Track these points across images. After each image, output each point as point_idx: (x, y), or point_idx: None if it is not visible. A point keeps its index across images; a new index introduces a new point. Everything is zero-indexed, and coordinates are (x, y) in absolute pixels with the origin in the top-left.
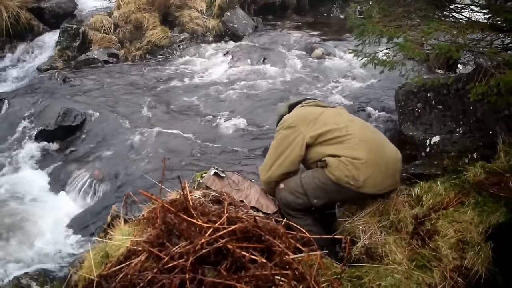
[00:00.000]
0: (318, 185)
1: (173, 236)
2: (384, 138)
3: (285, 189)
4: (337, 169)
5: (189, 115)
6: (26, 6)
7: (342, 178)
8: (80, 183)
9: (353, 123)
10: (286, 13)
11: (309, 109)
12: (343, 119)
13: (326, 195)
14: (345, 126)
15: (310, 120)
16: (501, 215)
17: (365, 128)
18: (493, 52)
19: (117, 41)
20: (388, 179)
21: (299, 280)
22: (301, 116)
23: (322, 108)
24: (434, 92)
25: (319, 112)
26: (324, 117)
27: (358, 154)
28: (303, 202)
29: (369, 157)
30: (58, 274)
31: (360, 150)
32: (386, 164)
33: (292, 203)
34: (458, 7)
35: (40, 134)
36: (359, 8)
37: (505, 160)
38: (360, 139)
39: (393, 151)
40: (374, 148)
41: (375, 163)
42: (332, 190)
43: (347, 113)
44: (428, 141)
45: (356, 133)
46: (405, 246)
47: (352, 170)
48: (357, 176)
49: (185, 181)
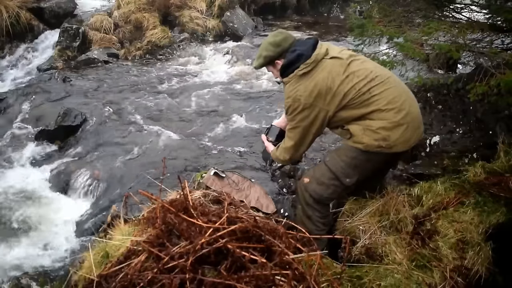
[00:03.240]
0: (347, 162)
1: (173, 236)
2: (407, 91)
3: (312, 182)
4: (365, 136)
5: (189, 115)
6: (26, 6)
7: (372, 143)
8: (80, 183)
9: (375, 81)
10: (286, 13)
11: (317, 81)
12: (363, 78)
13: (356, 170)
14: (368, 90)
15: (326, 93)
16: (501, 215)
17: (389, 82)
18: (493, 52)
19: (117, 41)
20: (416, 132)
21: (299, 280)
22: (314, 92)
23: (329, 69)
24: (434, 92)
25: (331, 80)
26: (341, 85)
27: (386, 116)
28: (335, 188)
29: (397, 117)
30: (58, 274)
31: (388, 112)
32: (412, 119)
33: (324, 194)
34: (458, 7)
35: (40, 134)
36: (359, 8)
37: (505, 160)
38: (387, 101)
39: (416, 103)
40: (401, 106)
41: (404, 121)
42: (362, 161)
43: (359, 63)
44: (428, 141)
45: (382, 92)
46: (405, 246)
47: (382, 132)
48: (388, 137)
49: (185, 181)
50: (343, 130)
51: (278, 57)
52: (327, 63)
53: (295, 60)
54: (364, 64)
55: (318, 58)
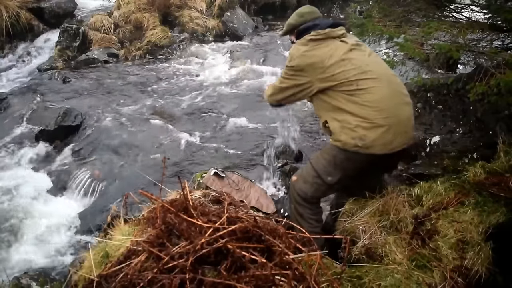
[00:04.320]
0: (328, 160)
1: (173, 236)
2: (402, 94)
3: (299, 180)
4: (342, 134)
5: (189, 115)
6: (26, 6)
7: (349, 141)
8: (80, 183)
9: (366, 74)
10: (286, 13)
11: (316, 53)
12: (356, 67)
13: (337, 168)
14: (355, 80)
15: (317, 67)
16: (501, 215)
17: (381, 80)
18: (493, 52)
19: (117, 41)
20: (400, 136)
21: (299, 280)
22: (308, 60)
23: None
24: (434, 92)
25: (328, 57)
26: (333, 65)
27: (366, 113)
28: (318, 186)
29: (377, 117)
30: (58, 274)
31: (368, 110)
32: (398, 122)
33: (309, 193)
34: (458, 7)
35: (40, 134)
36: (359, 8)
37: (505, 160)
38: (372, 98)
39: (408, 108)
40: (385, 106)
41: (385, 122)
42: (343, 160)
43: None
44: (428, 141)
45: (369, 88)
46: (405, 246)
47: (359, 130)
48: (364, 136)
49: (185, 181)
50: (325, 128)
51: (299, 26)
52: (335, 43)
53: (310, 27)
54: (366, 57)
55: (330, 35)
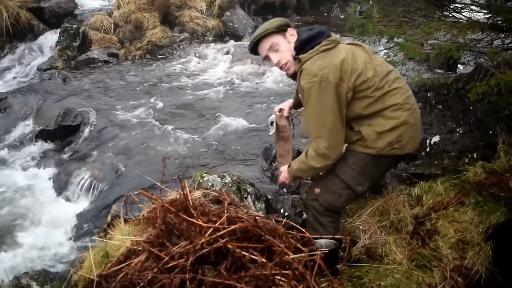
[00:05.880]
0: (357, 171)
1: (173, 236)
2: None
3: (322, 192)
4: (379, 140)
5: (189, 115)
6: (26, 6)
7: (385, 146)
8: (80, 183)
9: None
10: (286, 13)
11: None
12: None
13: (367, 176)
14: (386, 82)
15: (351, 73)
16: (501, 215)
17: (402, 81)
18: (493, 52)
19: (117, 41)
20: (419, 134)
21: (299, 280)
22: (341, 68)
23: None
24: (434, 92)
25: (355, 60)
26: (365, 68)
27: (402, 114)
28: (348, 197)
29: (410, 116)
30: (58, 274)
31: (404, 111)
32: (419, 120)
33: (336, 203)
34: (458, 7)
35: (40, 134)
36: (359, 8)
37: (505, 160)
38: (405, 97)
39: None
40: (412, 106)
41: (415, 121)
42: (374, 167)
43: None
44: (428, 141)
45: (400, 88)
46: (405, 246)
47: (396, 132)
48: (400, 137)
49: (185, 181)
50: (352, 132)
51: (287, 26)
52: (345, 47)
53: (316, 36)
54: (376, 57)
55: (338, 40)
